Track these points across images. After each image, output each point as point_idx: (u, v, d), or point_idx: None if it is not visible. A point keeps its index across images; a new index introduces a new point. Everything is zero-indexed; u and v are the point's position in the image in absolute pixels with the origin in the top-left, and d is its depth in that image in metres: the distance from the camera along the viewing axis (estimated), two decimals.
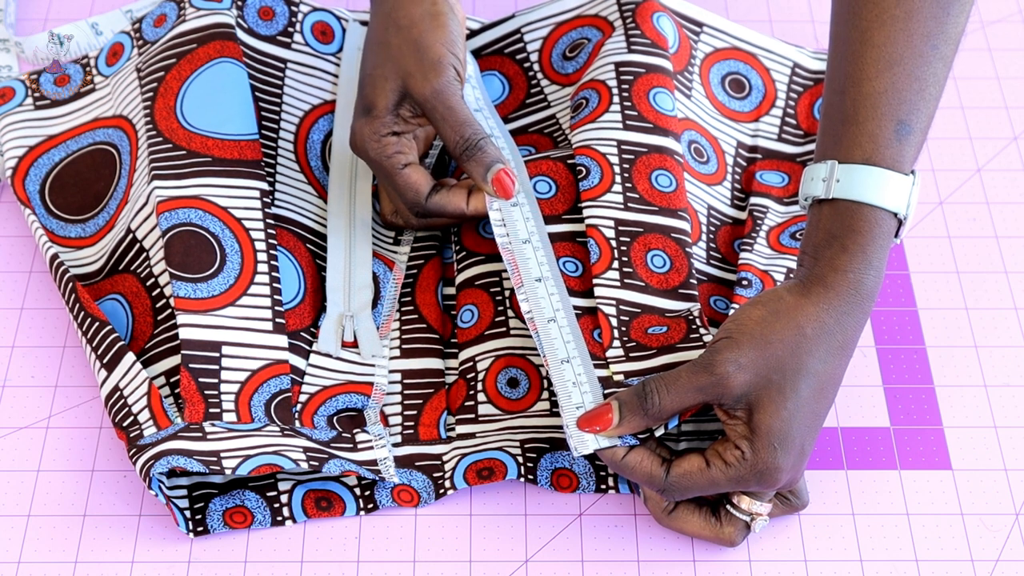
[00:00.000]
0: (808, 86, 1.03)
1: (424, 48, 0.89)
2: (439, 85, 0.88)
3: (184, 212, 0.90)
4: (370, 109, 0.89)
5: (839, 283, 0.80)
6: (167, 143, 0.92)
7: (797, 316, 0.79)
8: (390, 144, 0.89)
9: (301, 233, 0.93)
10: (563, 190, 0.92)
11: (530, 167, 0.93)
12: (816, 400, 0.79)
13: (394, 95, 0.89)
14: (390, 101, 0.89)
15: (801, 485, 0.84)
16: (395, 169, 0.89)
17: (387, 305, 0.92)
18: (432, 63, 0.88)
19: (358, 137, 0.90)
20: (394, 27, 0.90)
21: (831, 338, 0.80)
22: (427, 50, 0.89)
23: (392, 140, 0.89)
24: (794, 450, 0.79)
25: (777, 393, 0.78)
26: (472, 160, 0.89)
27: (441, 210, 0.91)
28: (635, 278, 0.88)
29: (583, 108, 0.95)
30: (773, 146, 1.00)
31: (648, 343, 0.85)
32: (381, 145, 0.89)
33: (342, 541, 0.84)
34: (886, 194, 0.80)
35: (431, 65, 0.88)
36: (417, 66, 0.88)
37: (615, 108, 0.94)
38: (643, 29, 0.97)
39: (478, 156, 0.89)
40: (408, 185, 0.90)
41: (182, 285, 0.88)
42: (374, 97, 0.89)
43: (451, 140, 0.89)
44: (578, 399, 0.82)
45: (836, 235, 0.81)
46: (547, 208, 0.91)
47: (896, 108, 0.81)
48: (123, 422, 0.85)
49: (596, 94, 0.95)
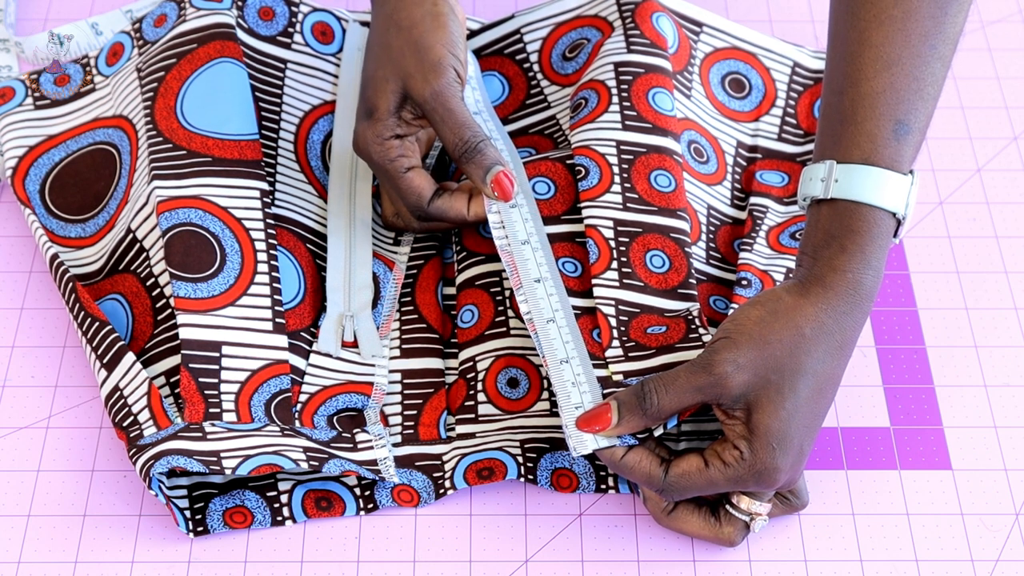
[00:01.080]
0: (808, 85, 1.03)
1: (424, 49, 0.89)
2: (439, 87, 0.88)
3: (184, 212, 0.90)
4: (372, 112, 0.89)
5: (838, 283, 0.80)
6: (167, 143, 0.93)
7: (796, 316, 0.79)
8: (393, 148, 0.89)
9: (301, 233, 0.93)
10: (562, 191, 0.92)
11: (529, 168, 0.93)
12: (815, 400, 0.79)
13: (395, 97, 0.89)
14: (391, 103, 0.89)
15: (801, 485, 0.84)
16: (398, 173, 0.90)
17: (387, 305, 0.92)
18: (432, 64, 0.88)
19: (361, 140, 0.90)
20: (395, 28, 0.90)
21: (830, 338, 0.80)
22: (427, 51, 0.89)
23: (395, 143, 0.89)
24: (793, 450, 0.79)
25: (776, 393, 0.78)
26: (471, 162, 0.89)
27: (443, 215, 0.91)
28: (634, 278, 0.88)
29: (582, 108, 0.95)
30: (773, 146, 1.00)
31: (647, 343, 0.85)
32: (384, 148, 0.89)
33: (342, 541, 0.85)
34: (885, 194, 0.80)
35: (431, 66, 0.88)
36: (417, 67, 0.88)
37: (614, 108, 0.94)
38: (642, 29, 0.97)
39: (477, 158, 0.89)
40: (411, 189, 0.90)
41: (182, 285, 0.88)
42: (376, 99, 0.89)
43: (450, 142, 0.89)
44: (577, 399, 0.82)
45: (835, 235, 0.81)
46: (546, 209, 0.91)
47: (894, 108, 0.81)
48: (123, 422, 0.85)
49: (595, 94, 0.95)
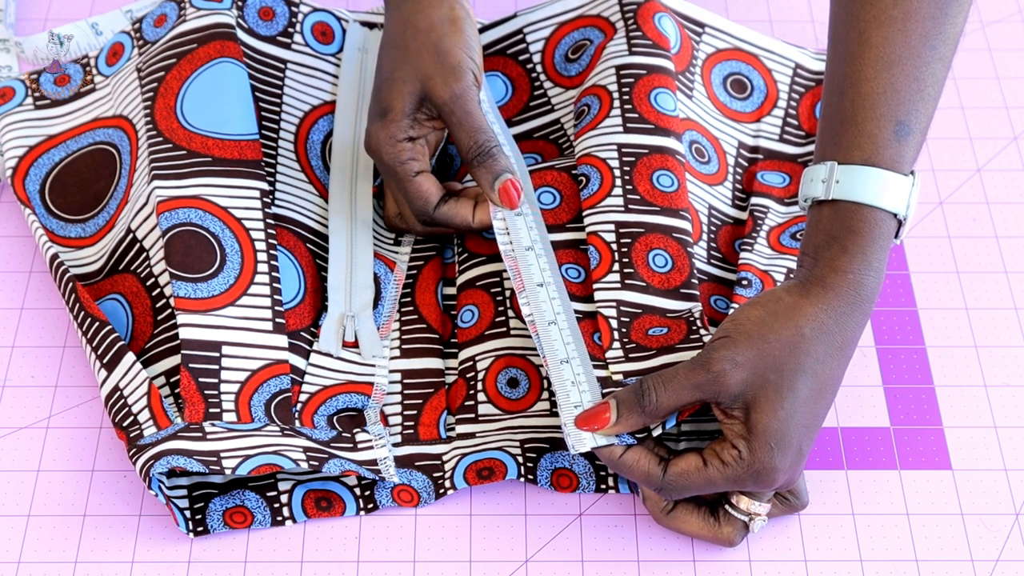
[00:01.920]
0: (810, 87, 1.03)
1: (444, 52, 0.89)
2: (459, 90, 0.88)
3: (184, 212, 0.90)
4: (387, 112, 0.90)
5: (839, 284, 0.80)
6: (167, 143, 0.93)
7: (796, 316, 0.79)
8: (405, 150, 0.89)
9: (302, 233, 0.93)
10: (567, 200, 0.93)
11: (535, 177, 0.93)
12: (814, 401, 0.79)
13: (412, 98, 0.89)
14: (408, 104, 0.89)
15: (800, 485, 0.84)
16: (408, 176, 0.90)
17: (388, 306, 0.92)
18: (452, 67, 0.89)
19: (374, 141, 0.90)
20: (412, 30, 0.90)
21: (830, 339, 0.80)
22: (447, 55, 0.89)
23: (407, 146, 0.89)
24: (791, 450, 0.79)
25: (774, 393, 0.78)
26: (482, 167, 0.89)
27: (448, 220, 0.91)
28: (636, 278, 0.88)
29: (585, 115, 0.95)
30: (774, 146, 1.00)
31: (648, 344, 0.85)
32: (396, 150, 0.89)
33: (342, 541, 0.85)
34: (886, 195, 0.80)
35: (451, 69, 0.89)
36: (437, 70, 0.89)
37: (615, 112, 0.94)
38: (644, 30, 0.97)
39: (488, 163, 0.89)
40: (419, 194, 0.90)
41: (182, 285, 0.88)
42: (391, 99, 0.89)
43: (465, 145, 0.89)
44: (576, 398, 0.82)
45: (836, 236, 0.81)
46: (551, 218, 0.92)
47: (895, 109, 0.81)
48: (123, 422, 0.85)
49: (597, 100, 0.95)
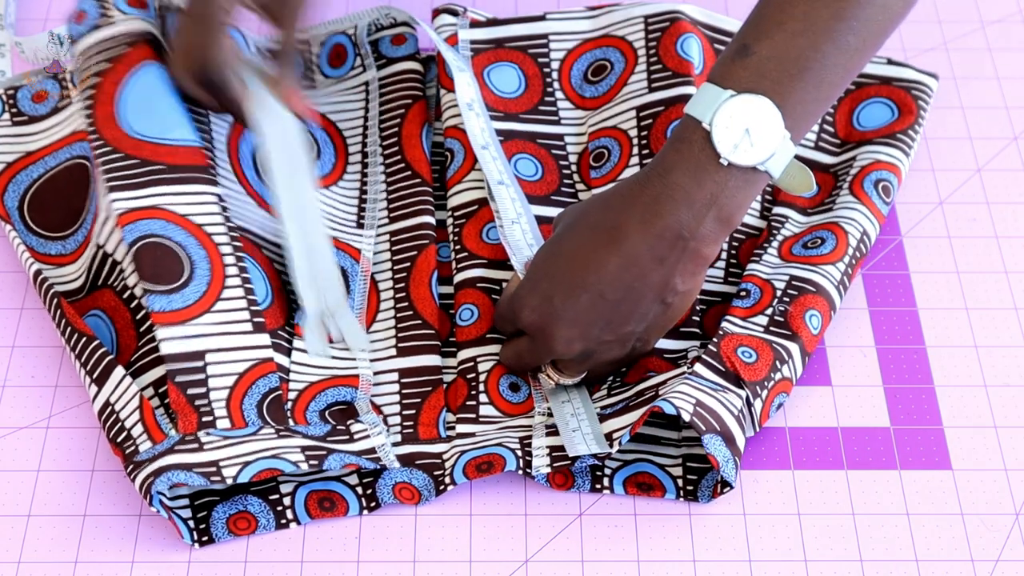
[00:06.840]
0: (850, 90, 1.02)
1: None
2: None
3: (145, 224, 0.88)
4: None
5: (636, 176, 0.84)
6: (116, 152, 0.91)
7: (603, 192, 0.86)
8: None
9: (254, 240, 0.92)
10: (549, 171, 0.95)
11: (537, 187, 0.96)
12: (572, 259, 0.84)
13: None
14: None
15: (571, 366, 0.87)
16: (214, 23, 0.90)
17: (358, 299, 0.92)
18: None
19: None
20: None
21: (605, 215, 0.84)
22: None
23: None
24: (538, 291, 0.84)
25: (550, 240, 0.87)
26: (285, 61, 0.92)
27: (226, 83, 0.91)
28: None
29: (605, 161, 0.97)
30: (809, 155, 1.00)
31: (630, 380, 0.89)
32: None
33: (342, 541, 0.85)
34: (697, 103, 0.82)
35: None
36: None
37: (635, 160, 0.96)
38: (665, 61, 0.98)
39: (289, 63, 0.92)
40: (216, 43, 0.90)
41: (156, 298, 0.87)
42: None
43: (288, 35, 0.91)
44: (573, 418, 0.86)
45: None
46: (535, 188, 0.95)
47: (745, 34, 0.83)
48: (116, 437, 0.84)
49: (617, 145, 0.97)
